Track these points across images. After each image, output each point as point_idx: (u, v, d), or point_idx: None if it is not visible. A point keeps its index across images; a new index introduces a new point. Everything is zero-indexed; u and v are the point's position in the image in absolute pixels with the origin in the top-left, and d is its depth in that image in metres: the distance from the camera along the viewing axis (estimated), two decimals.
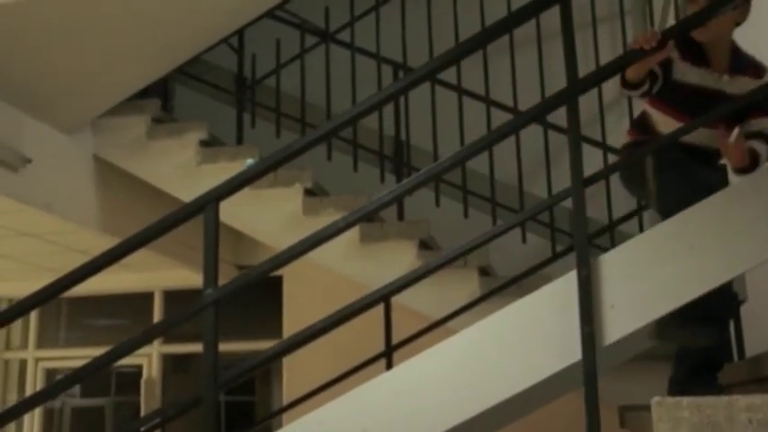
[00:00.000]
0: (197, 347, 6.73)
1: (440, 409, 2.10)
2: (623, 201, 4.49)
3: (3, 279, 6.15)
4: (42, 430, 6.66)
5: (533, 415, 2.80)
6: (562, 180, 4.34)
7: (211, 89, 5.21)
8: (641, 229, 4.16)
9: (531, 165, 4.54)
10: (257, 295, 5.83)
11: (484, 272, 4.18)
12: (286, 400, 5.32)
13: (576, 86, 2.25)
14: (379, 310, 4.10)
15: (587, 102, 3.14)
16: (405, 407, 2.12)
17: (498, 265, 4.40)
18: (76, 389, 7.14)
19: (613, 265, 2.08)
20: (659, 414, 1.74)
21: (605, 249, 2.29)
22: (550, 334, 2.09)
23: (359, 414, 2.14)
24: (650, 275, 2.04)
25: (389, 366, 3.72)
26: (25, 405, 2.87)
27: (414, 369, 2.16)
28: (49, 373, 6.70)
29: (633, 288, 2.04)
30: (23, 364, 6.72)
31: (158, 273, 6.07)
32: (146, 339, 2.50)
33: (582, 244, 2.06)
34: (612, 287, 2.05)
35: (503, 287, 3.90)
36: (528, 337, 2.11)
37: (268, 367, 6.32)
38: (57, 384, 2.57)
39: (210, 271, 2.24)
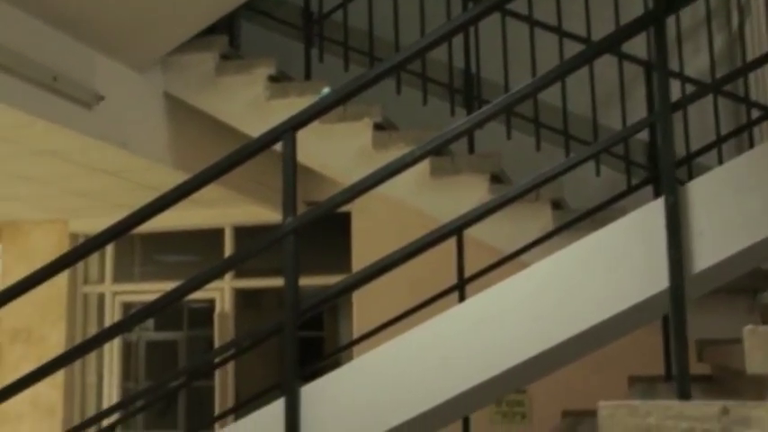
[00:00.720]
0: (268, 282, 6.89)
1: (521, 339, 2.08)
2: (699, 133, 4.38)
3: (79, 216, 6.31)
4: (121, 361, 6.91)
5: (607, 348, 2.77)
6: (636, 112, 4.26)
7: (278, 24, 5.19)
8: (720, 161, 4.04)
9: (605, 96, 4.43)
10: (325, 232, 5.88)
11: (557, 205, 4.12)
12: (356, 334, 5.38)
13: (663, 6, 2.15)
14: (448, 246, 4.08)
15: None
16: (485, 336, 2.10)
17: (571, 199, 4.34)
18: (151, 323, 7.36)
19: (702, 191, 2.01)
20: (752, 343, 1.70)
21: (682, 182, 2.22)
22: (636, 261, 2.05)
23: (438, 342, 2.13)
24: (742, 202, 1.97)
25: (462, 300, 3.72)
26: (103, 336, 2.95)
27: (495, 297, 2.15)
28: (126, 307, 6.90)
29: (723, 215, 1.98)
30: (101, 297, 6.93)
31: (229, 209, 6.16)
32: (225, 269, 2.54)
33: (669, 170, 2.00)
34: (701, 214, 1.99)
35: (576, 220, 3.84)
36: (612, 265, 2.07)
37: (336, 303, 6.39)
38: (135, 315, 2.62)
39: (289, 200, 2.24)
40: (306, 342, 7.27)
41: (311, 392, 2.25)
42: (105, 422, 5.47)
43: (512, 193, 3.00)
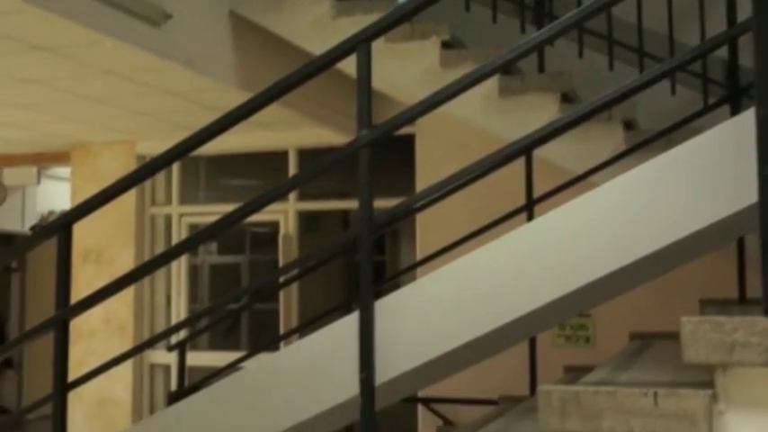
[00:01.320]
0: (332, 204, 6.90)
1: (600, 254, 2.04)
2: None
3: (146, 138, 6.39)
4: (188, 282, 7.09)
5: (675, 272, 2.70)
6: (715, 30, 4.08)
7: None
8: None
9: (682, 11, 4.26)
10: (389, 156, 5.84)
11: (629, 125, 4.02)
12: (420, 257, 5.38)
13: None
14: (511, 170, 4.02)
15: None
16: (563, 251, 2.06)
17: (645, 120, 4.22)
18: (214, 247, 7.50)
19: None
20: None
21: None
22: (723, 175, 1.98)
23: (517, 256, 2.10)
24: None
25: (530, 221, 3.67)
26: (171, 253, 3.01)
27: (573, 212, 2.10)
28: (192, 228, 7.02)
29: None
30: (168, 219, 7.06)
31: (293, 131, 6.17)
32: (296, 184, 2.53)
33: (763, 80, 1.90)
34: None
35: (649, 141, 3.74)
36: (698, 179, 2.00)
37: (397, 227, 6.40)
38: (204, 231, 2.63)
39: (364, 113, 2.21)
40: None
41: (385, 306, 2.24)
42: (174, 339, 5.63)
43: (582, 110, 2.92)
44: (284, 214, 6.67)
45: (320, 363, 2.35)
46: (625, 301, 3.14)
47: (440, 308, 2.22)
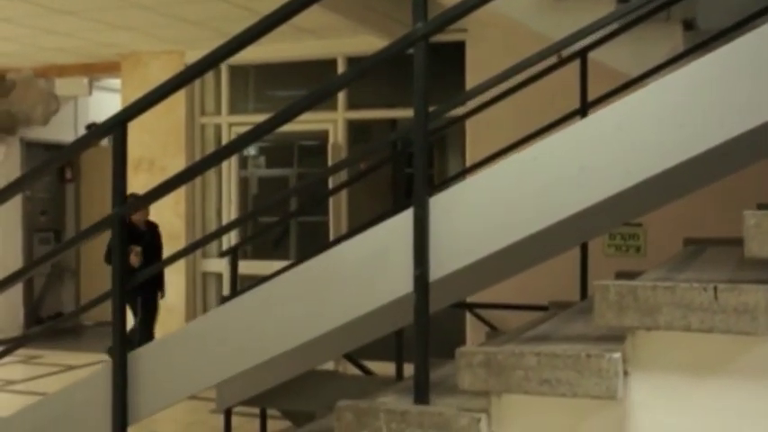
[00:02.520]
0: (381, 113, 6.83)
1: (664, 145, 1.98)
2: None
3: (194, 47, 6.36)
4: (238, 194, 7.16)
5: (728, 180, 2.62)
6: None
7: None
8: None
9: None
10: (438, 63, 5.75)
11: (688, 26, 3.88)
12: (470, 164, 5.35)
13: None
14: (563, 80, 3.92)
15: None
16: (625, 142, 2.00)
17: (706, 20, 4.07)
18: (262, 160, 7.54)
19: None
20: None
21: None
22: None
23: (576, 150, 2.04)
24: None
25: None
26: (220, 154, 3.00)
27: (638, 102, 2.03)
28: None
29: None
30: (218, 128, 7.09)
31: (342, 39, 6.09)
32: (348, 81, 2.48)
33: None
34: None
35: (710, 41, 3.60)
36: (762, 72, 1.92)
37: (445, 134, 6.34)
38: (256, 129, 2.59)
39: (420, 5, 2.14)
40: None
41: (439, 203, 2.22)
42: (226, 248, 5.71)
43: (635, 4, 2.81)
44: (333, 123, 6.65)
45: (374, 260, 2.32)
46: (676, 210, 3.07)
47: (496, 204, 2.17)
